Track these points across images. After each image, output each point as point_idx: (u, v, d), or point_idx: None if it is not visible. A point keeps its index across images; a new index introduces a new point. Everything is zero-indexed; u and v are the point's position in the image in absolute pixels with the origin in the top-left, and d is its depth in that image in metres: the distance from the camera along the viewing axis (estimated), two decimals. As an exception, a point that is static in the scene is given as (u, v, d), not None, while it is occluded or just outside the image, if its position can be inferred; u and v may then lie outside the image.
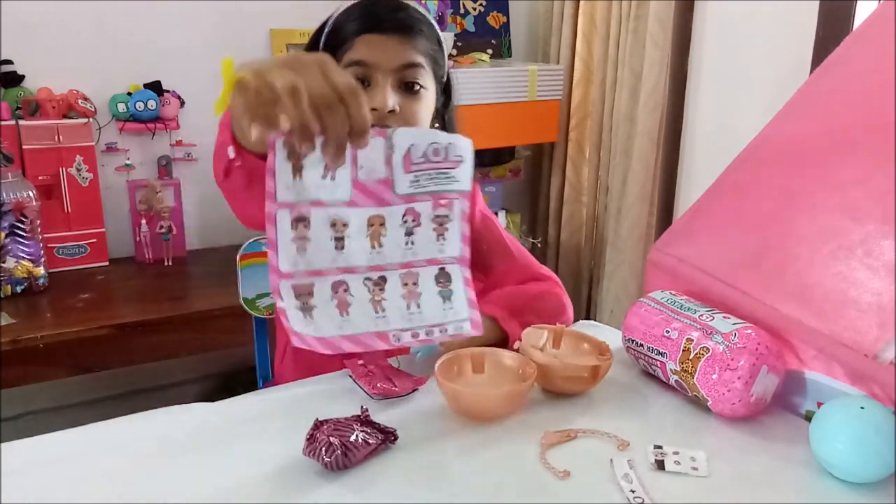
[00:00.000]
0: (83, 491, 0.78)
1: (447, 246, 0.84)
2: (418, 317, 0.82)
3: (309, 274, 0.77)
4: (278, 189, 0.75)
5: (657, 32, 2.14)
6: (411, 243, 0.82)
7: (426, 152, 0.81)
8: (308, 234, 0.77)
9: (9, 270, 1.76)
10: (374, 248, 0.80)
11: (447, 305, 0.84)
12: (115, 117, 2.03)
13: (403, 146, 0.80)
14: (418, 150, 0.81)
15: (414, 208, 0.82)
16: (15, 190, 1.76)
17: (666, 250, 1.14)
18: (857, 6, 1.82)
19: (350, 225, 0.79)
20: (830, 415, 0.83)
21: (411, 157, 0.80)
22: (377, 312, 0.80)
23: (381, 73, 1.07)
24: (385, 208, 0.81)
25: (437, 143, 0.82)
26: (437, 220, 0.83)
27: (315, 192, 0.77)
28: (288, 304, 0.76)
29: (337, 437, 0.80)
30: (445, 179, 0.83)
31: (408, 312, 0.82)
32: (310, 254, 0.77)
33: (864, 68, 0.99)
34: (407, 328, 0.81)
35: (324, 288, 0.78)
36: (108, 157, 2.05)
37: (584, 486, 0.80)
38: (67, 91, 1.95)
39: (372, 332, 0.79)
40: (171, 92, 2.08)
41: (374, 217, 0.80)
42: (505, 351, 1.01)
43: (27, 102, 1.88)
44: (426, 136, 0.82)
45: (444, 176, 0.83)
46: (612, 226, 2.36)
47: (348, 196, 0.78)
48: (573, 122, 2.52)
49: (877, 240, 0.89)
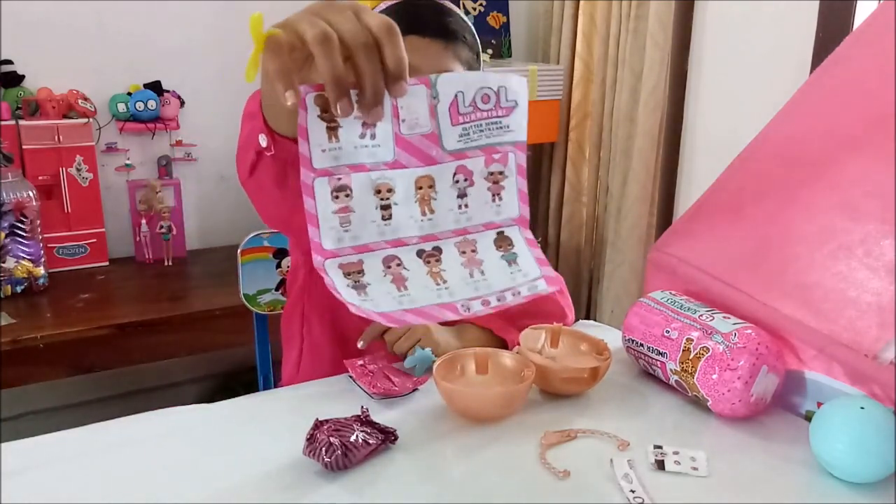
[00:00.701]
0: (83, 491, 0.78)
1: (504, 206, 0.76)
2: (484, 284, 0.74)
3: (356, 250, 0.70)
4: (314, 154, 0.67)
5: (657, 32, 2.14)
6: (465, 206, 0.74)
7: (475, 99, 0.73)
8: (351, 204, 0.70)
9: (9, 270, 1.76)
10: (424, 214, 0.73)
11: (514, 269, 0.76)
12: (115, 117, 2.03)
13: (449, 94, 0.72)
14: (466, 97, 0.72)
15: (465, 165, 0.73)
16: (15, 190, 1.76)
17: (666, 250, 1.14)
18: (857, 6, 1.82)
19: (396, 190, 0.71)
20: (830, 415, 0.83)
21: (458, 107, 0.72)
22: (438, 284, 0.73)
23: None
24: (433, 167, 0.72)
25: (486, 87, 0.73)
26: (492, 178, 0.75)
27: (354, 154, 0.69)
28: (338, 283, 0.69)
29: (337, 437, 0.80)
30: (498, 130, 0.74)
31: (472, 280, 0.74)
32: (355, 227, 0.70)
33: (864, 68, 0.98)
34: (475, 296, 0.73)
35: (375, 265, 0.71)
36: (108, 157, 2.06)
37: (584, 486, 0.80)
38: (67, 91, 1.95)
39: (436, 304, 0.71)
40: (171, 92, 2.08)
41: (421, 178, 0.72)
42: (506, 352, 1.01)
43: (27, 102, 1.88)
44: (474, 80, 0.73)
45: (495, 125, 0.74)
46: (612, 226, 2.36)
47: (391, 156, 0.70)
48: (573, 122, 2.52)
49: (877, 240, 0.89)
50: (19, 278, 1.78)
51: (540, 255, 0.76)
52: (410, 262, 0.72)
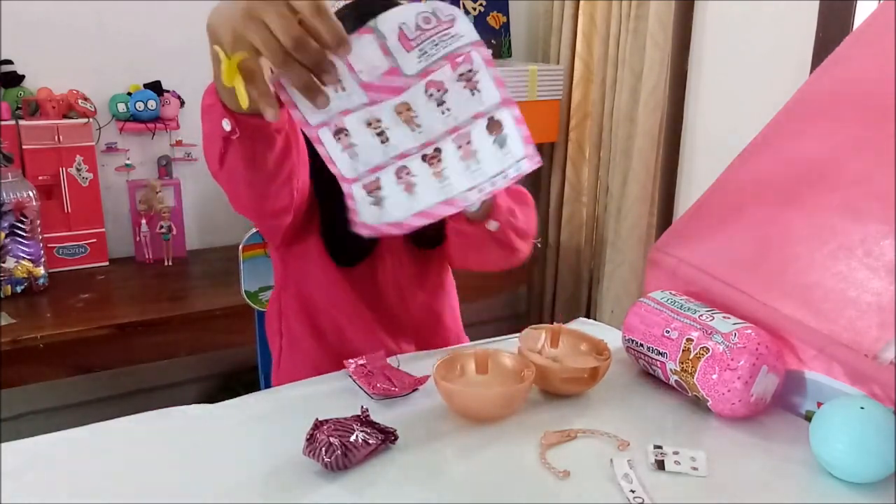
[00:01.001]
0: (83, 491, 0.78)
1: (484, 96, 0.82)
2: (479, 172, 0.82)
3: (371, 171, 0.81)
4: (307, 115, 0.78)
5: (657, 32, 2.14)
6: (447, 110, 0.81)
7: (417, 23, 0.80)
8: (352, 140, 0.80)
9: (9, 270, 1.76)
10: (413, 130, 0.81)
11: (504, 151, 0.83)
12: (115, 117, 2.03)
13: (394, 29, 0.79)
14: (409, 26, 0.80)
15: (433, 80, 0.81)
16: (15, 190, 1.76)
17: (666, 250, 1.14)
18: (857, 6, 1.82)
19: (383, 119, 0.80)
20: (830, 415, 0.83)
21: (406, 35, 0.80)
22: (441, 181, 0.81)
23: None
24: (404, 94, 0.80)
25: (422, 11, 0.81)
26: (464, 78, 0.81)
27: (337, 105, 0.79)
28: (361, 202, 0.80)
29: (337, 437, 0.80)
30: (451, 39, 0.81)
31: (469, 171, 0.82)
32: (363, 155, 0.80)
33: (864, 68, 0.99)
34: (472, 186, 0.82)
35: (389, 178, 0.81)
36: (108, 157, 2.06)
37: (584, 486, 0.80)
38: (67, 91, 1.95)
39: (439, 203, 0.81)
40: (171, 92, 2.08)
41: (399, 106, 0.81)
42: (506, 352, 1.01)
43: (27, 102, 1.88)
44: (409, 10, 0.80)
45: (447, 36, 0.81)
46: (612, 226, 2.36)
47: (365, 98, 0.80)
48: (573, 122, 2.52)
49: (877, 240, 0.89)
50: (19, 278, 1.78)
51: (525, 133, 0.82)
52: (417, 168, 0.81)
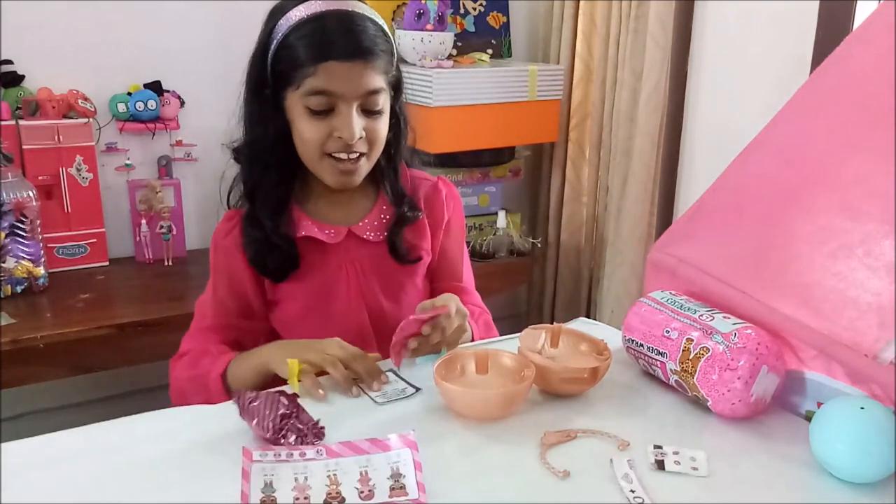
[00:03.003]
0: (83, 491, 0.79)
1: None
2: None
3: None
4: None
5: (657, 32, 2.14)
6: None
7: None
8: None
9: (9, 270, 1.76)
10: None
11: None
12: (115, 117, 2.03)
13: None
14: None
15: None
16: (15, 190, 1.76)
17: (666, 250, 1.14)
18: (857, 6, 1.82)
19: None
20: (830, 415, 0.83)
21: None
22: None
23: (345, 102, 1.08)
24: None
25: None
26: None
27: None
28: None
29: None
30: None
31: None
32: None
33: (864, 68, 0.98)
34: None
35: None
36: (108, 157, 2.05)
37: (584, 486, 0.80)
38: (67, 91, 1.95)
39: None
40: (171, 92, 2.08)
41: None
42: (506, 352, 1.01)
43: (27, 102, 1.88)
44: None
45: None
46: (612, 226, 2.36)
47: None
48: (573, 122, 2.51)
49: (877, 240, 0.89)
50: (19, 278, 1.78)
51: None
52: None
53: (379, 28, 1.11)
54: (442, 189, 1.28)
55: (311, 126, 1.09)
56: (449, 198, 1.28)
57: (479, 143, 2.25)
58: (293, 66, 1.08)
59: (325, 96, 1.07)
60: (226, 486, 0.79)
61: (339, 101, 1.08)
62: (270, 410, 0.86)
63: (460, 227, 1.31)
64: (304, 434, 0.86)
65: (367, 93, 1.08)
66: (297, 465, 0.82)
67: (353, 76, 1.07)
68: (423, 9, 2.13)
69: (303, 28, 1.07)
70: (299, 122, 1.10)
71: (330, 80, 1.06)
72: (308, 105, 1.08)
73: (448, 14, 2.24)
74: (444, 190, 1.28)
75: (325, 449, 0.84)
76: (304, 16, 1.07)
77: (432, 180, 1.29)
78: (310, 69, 1.06)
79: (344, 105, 1.08)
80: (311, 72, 1.06)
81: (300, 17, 1.08)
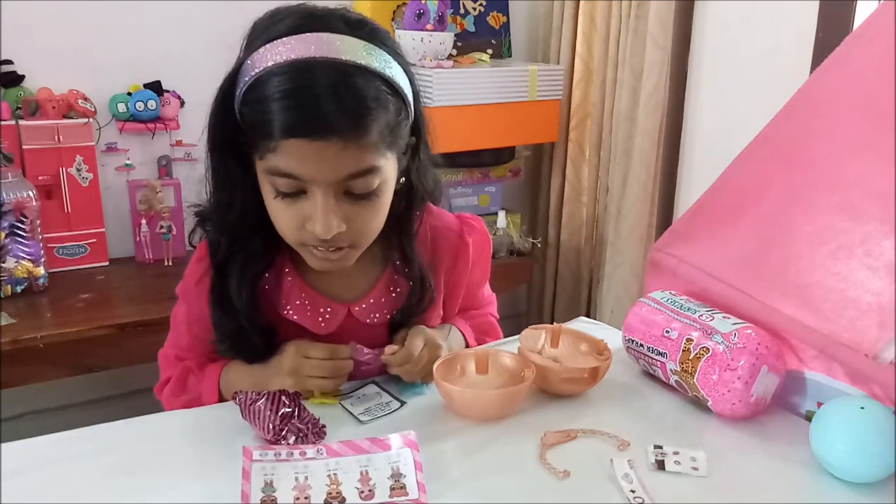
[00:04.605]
0: (83, 491, 0.79)
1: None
2: None
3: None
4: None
5: (657, 32, 2.14)
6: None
7: None
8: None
9: (9, 270, 1.76)
10: None
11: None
12: (115, 117, 2.03)
13: None
14: None
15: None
16: (15, 190, 1.76)
17: (666, 250, 1.14)
18: (857, 6, 1.82)
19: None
20: (830, 415, 0.83)
21: None
22: None
23: (318, 186, 0.84)
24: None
25: None
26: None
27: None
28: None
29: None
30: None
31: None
32: None
33: (864, 68, 0.98)
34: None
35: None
36: (108, 157, 2.05)
37: (584, 486, 0.80)
38: (67, 91, 1.95)
39: None
40: (171, 92, 2.08)
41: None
42: (506, 352, 1.01)
43: (27, 102, 1.88)
44: None
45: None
46: (612, 226, 2.36)
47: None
48: (573, 122, 2.51)
49: (877, 240, 0.89)
50: (19, 278, 1.77)
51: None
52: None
53: (383, 82, 0.85)
54: (468, 241, 1.08)
55: (281, 210, 0.87)
56: (476, 249, 1.09)
57: (479, 143, 2.25)
58: (255, 130, 0.84)
59: (290, 179, 0.84)
60: (226, 486, 0.78)
61: (309, 185, 0.84)
62: (272, 410, 0.86)
63: (486, 266, 1.14)
64: (306, 433, 0.86)
65: (350, 176, 0.84)
66: (298, 465, 0.82)
67: (326, 157, 0.81)
68: (423, 9, 2.13)
69: (272, 80, 0.82)
70: (268, 199, 0.88)
71: (295, 163, 0.82)
72: (274, 185, 0.85)
73: (448, 14, 2.24)
74: (470, 241, 1.08)
75: (325, 448, 0.84)
76: (281, 60, 0.82)
77: (455, 230, 1.07)
78: (271, 143, 0.82)
79: (317, 190, 0.84)
80: (273, 147, 0.82)
81: (275, 59, 0.82)
